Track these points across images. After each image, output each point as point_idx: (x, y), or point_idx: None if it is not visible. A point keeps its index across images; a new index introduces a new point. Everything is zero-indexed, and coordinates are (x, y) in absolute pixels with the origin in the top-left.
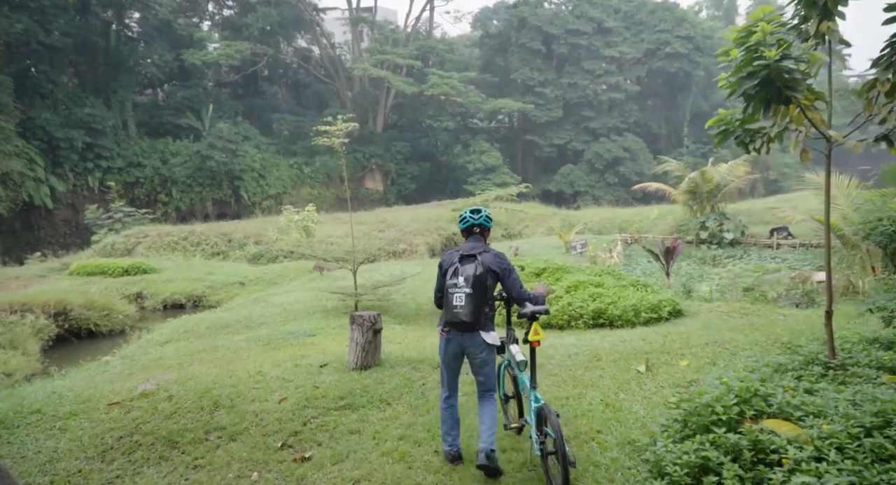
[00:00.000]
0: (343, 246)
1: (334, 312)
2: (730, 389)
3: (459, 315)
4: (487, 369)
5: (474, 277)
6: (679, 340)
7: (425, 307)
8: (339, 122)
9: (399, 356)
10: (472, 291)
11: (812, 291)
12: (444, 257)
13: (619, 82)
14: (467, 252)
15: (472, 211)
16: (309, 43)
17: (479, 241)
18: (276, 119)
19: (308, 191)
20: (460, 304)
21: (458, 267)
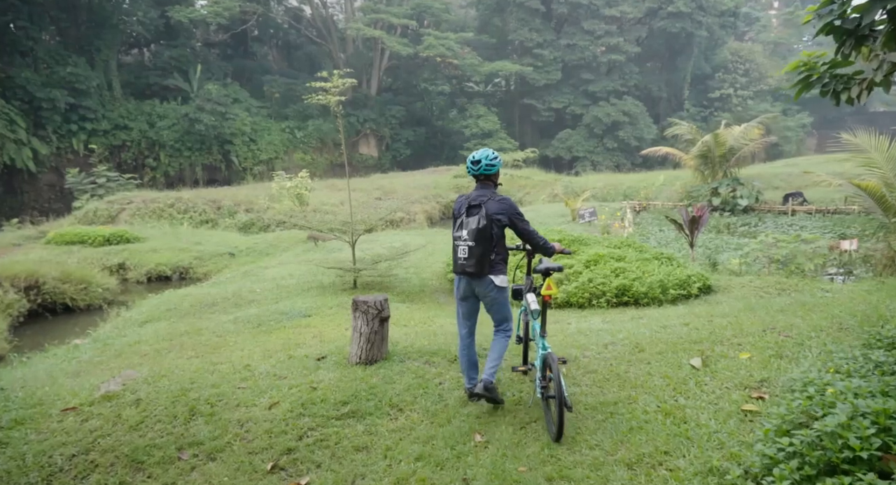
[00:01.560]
0: (339, 215)
1: (331, 288)
2: (856, 410)
3: (464, 266)
4: (497, 307)
5: (477, 231)
6: (728, 325)
7: (430, 283)
8: (334, 78)
9: (408, 346)
10: (474, 244)
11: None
12: (455, 204)
13: (620, 43)
14: (474, 201)
15: (472, 161)
16: (300, 2)
17: (487, 187)
18: (267, 81)
19: (301, 156)
20: (464, 256)
21: (464, 219)
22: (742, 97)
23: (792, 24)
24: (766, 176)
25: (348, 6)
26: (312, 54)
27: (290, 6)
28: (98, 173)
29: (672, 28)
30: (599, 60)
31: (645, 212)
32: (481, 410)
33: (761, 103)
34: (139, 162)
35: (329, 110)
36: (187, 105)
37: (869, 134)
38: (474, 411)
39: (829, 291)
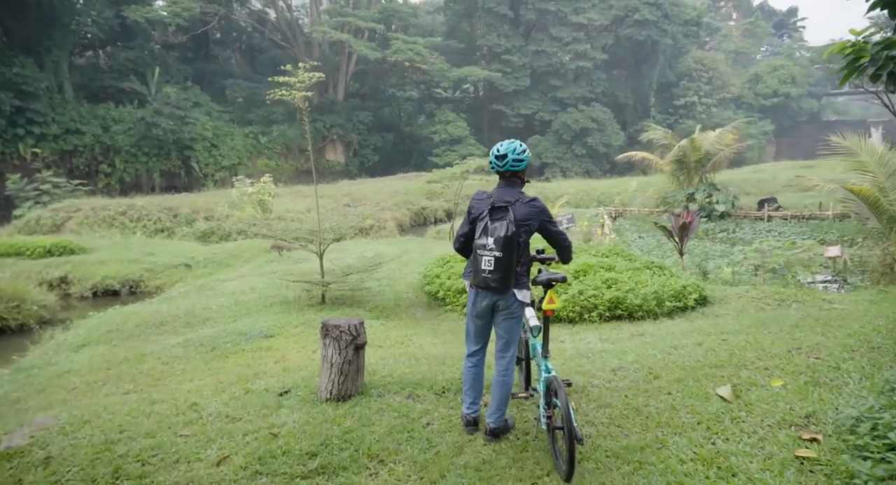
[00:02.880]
0: (306, 223)
1: (297, 304)
2: None
3: (488, 280)
4: (510, 326)
5: (505, 239)
6: (747, 345)
7: (406, 296)
8: (300, 72)
9: (387, 375)
10: (502, 255)
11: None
12: (473, 201)
13: (587, 50)
14: (498, 202)
15: (497, 155)
16: (264, 5)
17: (514, 185)
18: (230, 85)
19: (265, 162)
20: (489, 268)
21: (488, 224)
22: (706, 105)
23: (751, 34)
24: (737, 182)
25: (314, 9)
26: (277, 58)
27: (254, 9)
28: (42, 179)
29: (638, 36)
30: (567, 67)
31: (621, 218)
32: (481, 458)
33: (724, 111)
34: (92, 168)
35: (295, 115)
36: (144, 109)
37: (858, 137)
38: (472, 461)
39: (833, 301)
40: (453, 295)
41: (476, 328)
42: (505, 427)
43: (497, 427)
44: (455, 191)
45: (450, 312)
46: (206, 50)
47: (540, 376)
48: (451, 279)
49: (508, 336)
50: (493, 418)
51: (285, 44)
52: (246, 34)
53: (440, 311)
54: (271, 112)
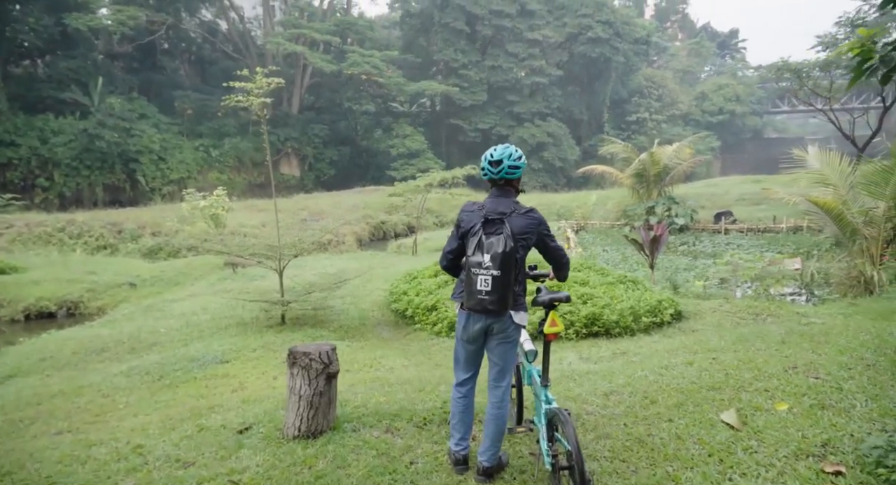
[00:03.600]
0: (264, 238)
1: (254, 325)
2: None
3: (484, 302)
4: (505, 351)
5: (503, 256)
6: (741, 364)
7: (371, 314)
8: (258, 77)
9: (360, 405)
10: (500, 273)
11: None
12: (462, 214)
13: (543, 66)
14: (492, 214)
15: (490, 161)
16: (215, 15)
17: (507, 195)
18: (179, 97)
19: (216, 176)
20: (486, 289)
21: (483, 239)
22: (657, 121)
23: (697, 54)
24: (691, 196)
25: (267, 21)
26: (229, 70)
27: (205, 19)
28: None
29: (591, 53)
30: (523, 82)
31: (583, 232)
32: None
33: (674, 127)
34: (28, 182)
35: (248, 128)
36: (87, 120)
37: (820, 150)
38: None
39: (807, 315)
40: (422, 313)
41: (467, 355)
42: (499, 465)
43: (490, 466)
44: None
45: (419, 331)
46: (153, 60)
47: (539, 407)
48: (419, 296)
49: (503, 363)
50: (487, 456)
51: (237, 55)
52: (196, 45)
53: (408, 330)
54: (223, 124)
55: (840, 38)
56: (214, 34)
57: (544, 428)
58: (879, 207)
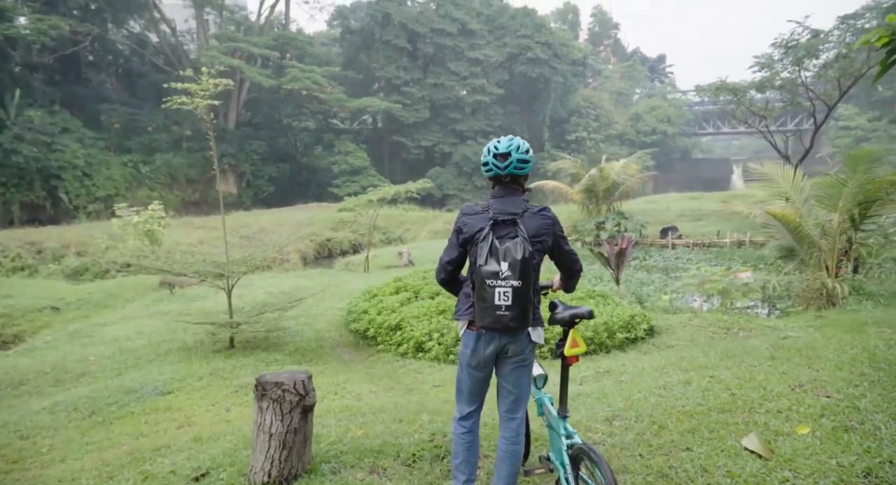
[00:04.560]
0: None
1: (199, 350)
2: None
3: (504, 319)
4: (521, 376)
5: (522, 263)
6: (743, 383)
7: (328, 335)
8: (203, 78)
9: (336, 441)
10: (521, 283)
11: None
12: (463, 217)
13: (484, 85)
14: (502, 213)
15: (497, 154)
16: (144, 27)
17: (514, 193)
18: (105, 110)
19: (147, 193)
20: (506, 303)
21: (496, 243)
22: (595, 140)
23: (629, 77)
24: (635, 212)
25: (201, 34)
26: (159, 83)
27: (133, 31)
28: None
29: (531, 73)
30: (465, 101)
31: None
32: None
33: (611, 146)
34: None
35: (181, 143)
36: (2, 134)
37: (774, 164)
38: None
39: (777, 328)
40: (385, 333)
41: (474, 383)
42: None
43: None
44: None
45: (383, 352)
46: (77, 72)
47: (556, 443)
48: (381, 315)
49: (519, 391)
50: None
51: (169, 68)
52: (123, 57)
53: (371, 351)
54: (154, 139)
55: (776, 59)
56: (144, 46)
57: (568, 468)
58: (833, 220)
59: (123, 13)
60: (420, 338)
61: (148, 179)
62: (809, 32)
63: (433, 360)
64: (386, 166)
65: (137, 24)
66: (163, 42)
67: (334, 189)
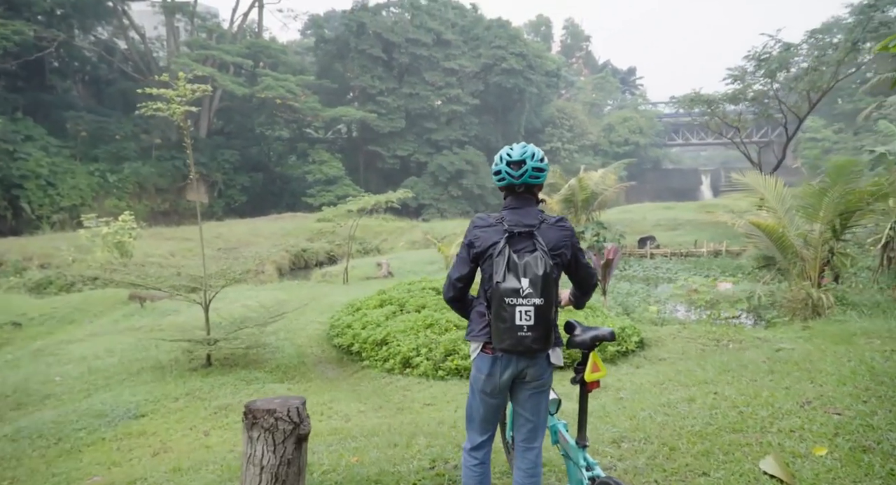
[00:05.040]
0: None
1: (174, 368)
2: None
3: (526, 340)
4: (539, 402)
5: (544, 279)
6: (747, 400)
7: (309, 351)
8: (180, 83)
9: (330, 470)
10: (543, 302)
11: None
12: (475, 230)
13: (460, 95)
14: (518, 225)
15: (511, 161)
16: (112, 34)
17: (529, 203)
18: (71, 118)
19: (114, 203)
20: (528, 323)
21: (513, 258)
22: (569, 150)
23: (602, 88)
24: (612, 222)
25: (171, 41)
26: (128, 91)
27: (101, 37)
28: None
29: (506, 83)
30: (441, 110)
31: None
32: None
33: (585, 156)
34: None
35: (150, 152)
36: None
37: (756, 174)
38: None
39: (767, 339)
40: (371, 348)
41: (487, 411)
42: None
43: None
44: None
45: (368, 368)
46: (41, 79)
47: (576, 476)
48: (365, 329)
49: (537, 419)
50: None
51: (138, 76)
52: (91, 64)
53: (356, 367)
54: (122, 148)
55: (749, 71)
56: (112, 53)
57: None
58: (815, 230)
59: (91, 19)
60: (407, 353)
61: (115, 188)
62: (781, 46)
63: (421, 376)
64: (361, 176)
65: (105, 30)
66: (132, 49)
67: (309, 199)
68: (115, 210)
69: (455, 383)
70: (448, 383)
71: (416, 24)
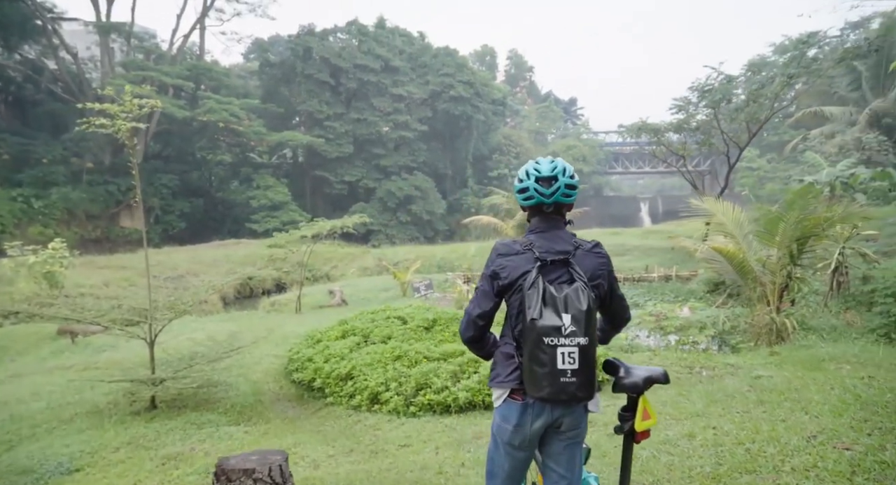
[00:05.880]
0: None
1: (113, 413)
2: None
3: (570, 387)
4: (574, 453)
5: (588, 314)
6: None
7: (266, 388)
8: (126, 98)
9: None
10: (588, 341)
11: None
12: (499, 259)
13: (408, 121)
14: (550, 252)
15: (540, 178)
16: (40, 54)
17: (559, 225)
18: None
19: (39, 230)
20: (572, 367)
21: (549, 291)
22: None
23: (545, 117)
24: None
25: (105, 61)
26: (56, 113)
27: (28, 56)
28: None
29: (454, 110)
30: (389, 136)
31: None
32: None
33: None
34: None
35: (81, 176)
36: None
37: (714, 200)
38: None
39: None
40: (335, 383)
41: (514, 466)
42: None
43: None
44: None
45: (332, 405)
46: None
47: None
48: (328, 363)
49: (571, 475)
50: None
51: (68, 97)
52: (15, 84)
53: (318, 405)
54: (49, 172)
55: (693, 101)
56: (40, 73)
57: None
58: (773, 255)
59: (16, 37)
60: (375, 388)
61: (41, 214)
62: (724, 78)
63: (391, 412)
64: (308, 201)
65: (33, 49)
66: (62, 69)
67: (253, 225)
68: (40, 238)
69: (429, 420)
70: (421, 419)
71: (363, 50)
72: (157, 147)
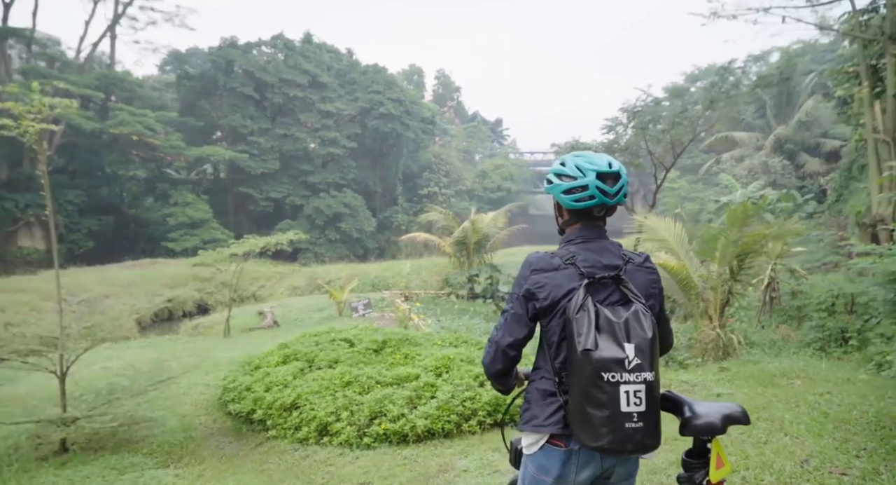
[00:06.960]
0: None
1: (14, 460)
2: None
3: (638, 435)
4: None
5: (652, 343)
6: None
7: (198, 422)
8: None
9: None
10: (654, 377)
11: None
12: (534, 276)
13: (337, 138)
14: (597, 267)
15: (603, 173)
16: None
17: (603, 234)
18: None
19: None
20: (639, 409)
21: (606, 315)
22: (446, 195)
23: (473, 137)
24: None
25: (2, 68)
26: None
27: None
28: None
29: (384, 128)
30: (317, 153)
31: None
32: None
33: (461, 201)
34: None
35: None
36: None
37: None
38: None
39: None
40: (278, 414)
41: None
42: None
43: None
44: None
45: (276, 439)
46: None
47: None
48: (270, 392)
49: None
50: None
51: None
52: None
53: (259, 439)
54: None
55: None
56: None
57: None
58: (714, 271)
59: None
60: (325, 418)
61: None
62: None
63: (343, 445)
64: (231, 219)
65: None
66: None
67: (170, 244)
68: None
69: (386, 452)
70: (377, 451)
71: (289, 65)
72: (61, 161)
